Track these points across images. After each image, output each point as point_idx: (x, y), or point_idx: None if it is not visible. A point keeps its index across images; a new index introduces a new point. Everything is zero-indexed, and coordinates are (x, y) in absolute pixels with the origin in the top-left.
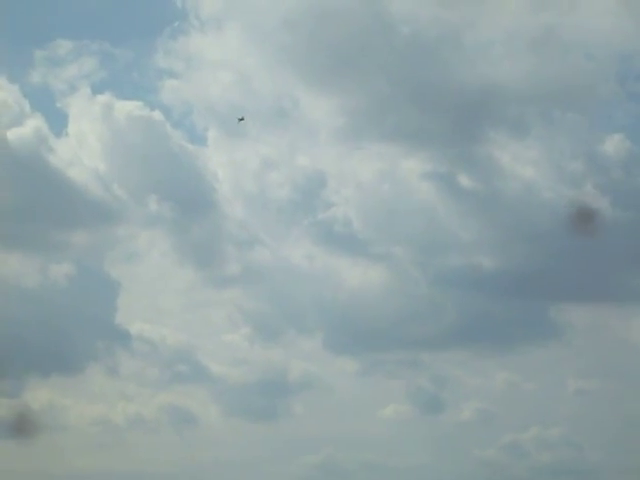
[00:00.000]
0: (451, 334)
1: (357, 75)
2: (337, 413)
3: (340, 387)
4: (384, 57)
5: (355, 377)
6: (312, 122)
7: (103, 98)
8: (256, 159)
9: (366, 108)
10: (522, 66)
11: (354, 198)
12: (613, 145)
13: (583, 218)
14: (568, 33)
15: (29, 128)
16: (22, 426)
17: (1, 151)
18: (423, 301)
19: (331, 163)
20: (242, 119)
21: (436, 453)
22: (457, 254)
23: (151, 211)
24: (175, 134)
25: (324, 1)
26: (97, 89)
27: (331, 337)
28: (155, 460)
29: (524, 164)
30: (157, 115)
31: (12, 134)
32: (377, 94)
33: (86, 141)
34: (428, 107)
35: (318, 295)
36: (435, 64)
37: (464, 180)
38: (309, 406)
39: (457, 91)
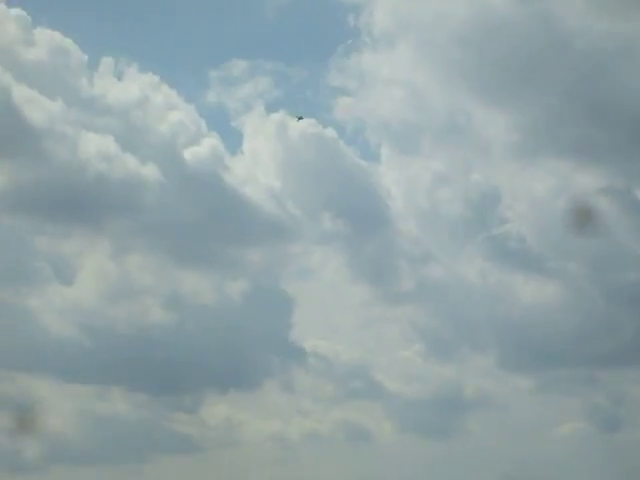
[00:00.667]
0: (628, 351)
1: (531, 90)
2: (512, 431)
3: (515, 405)
4: (558, 72)
5: (530, 395)
6: (485, 138)
7: (277, 116)
8: (429, 175)
9: (540, 123)
10: None
11: (528, 214)
12: None
13: None
14: None
15: (205, 147)
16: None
17: (179, 170)
18: (599, 317)
19: (505, 179)
20: (301, 118)
21: (614, 472)
22: (634, 270)
23: (325, 228)
24: (348, 151)
25: (496, 16)
26: (271, 107)
27: (505, 354)
28: (330, 476)
29: None
30: (330, 132)
31: (189, 153)
32: (551, 109)
33: (261, 159)
34: (603, 121)
35: (492, 312)
36: (610, 78)
37: None
38: (484, 424)
39: (633, 105)
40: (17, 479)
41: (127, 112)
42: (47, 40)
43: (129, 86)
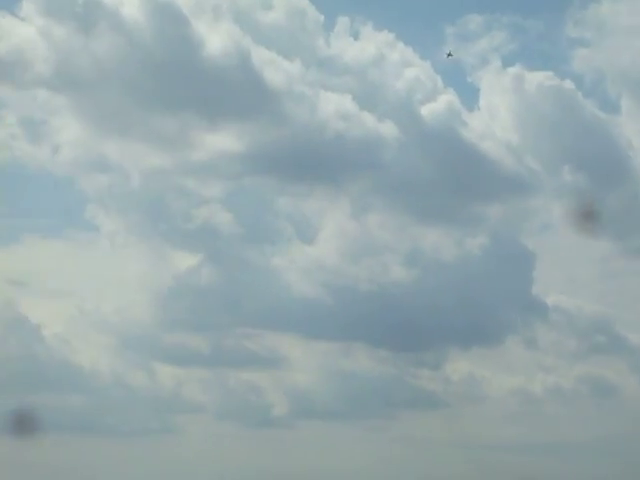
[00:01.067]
0: None
1: None
2: None
3: None
4: None
5: None
6: None
7: (513, 70)
8: None
9: None
10: None
11: None
12: None
13: None
14: None
15: (442, 103)
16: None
17: (416, 127)
18: None
19: None
20: (450, 54)
21: None
22: None
23: (565, 181)
24: (587, 103)
25: None
26: (507, 62)
27: None
28: (574, 431)
29: None
30: (568, 84)
31: (426, 110)
32: None
33: (498, 114)
34: None
35: None
36: None
37: None
38: None
39: None
40: (265, 434)
41: (364, 71)
42: (284, 2)
43: (365, 45)
